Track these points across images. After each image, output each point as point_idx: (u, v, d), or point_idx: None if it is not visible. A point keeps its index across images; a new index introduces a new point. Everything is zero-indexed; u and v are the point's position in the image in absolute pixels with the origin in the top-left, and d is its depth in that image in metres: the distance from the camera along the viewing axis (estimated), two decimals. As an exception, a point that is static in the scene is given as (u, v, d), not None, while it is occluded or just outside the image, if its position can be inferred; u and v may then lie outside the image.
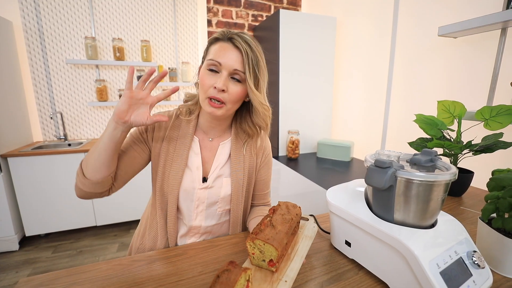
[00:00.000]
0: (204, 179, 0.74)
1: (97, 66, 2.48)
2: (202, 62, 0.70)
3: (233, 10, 2.35)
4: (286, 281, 0.56)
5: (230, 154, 0.76)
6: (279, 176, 2.03)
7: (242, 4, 2.37)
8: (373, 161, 0.58)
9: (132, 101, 0.60)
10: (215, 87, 0.64)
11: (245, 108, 0.76)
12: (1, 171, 1.95)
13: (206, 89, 0.65)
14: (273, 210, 0.68)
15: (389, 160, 0.53)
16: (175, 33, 2.65)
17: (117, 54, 2.44)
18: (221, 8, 2.31)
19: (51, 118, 2.33)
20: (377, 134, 1.91)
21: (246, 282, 0.52)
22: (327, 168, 1.80)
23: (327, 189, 1.40)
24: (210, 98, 0.65)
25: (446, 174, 0.51)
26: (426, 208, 0.54)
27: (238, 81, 0.66)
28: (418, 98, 1.62)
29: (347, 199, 0.67)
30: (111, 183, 0.68)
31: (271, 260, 0.58)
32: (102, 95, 2.48)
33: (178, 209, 0.76)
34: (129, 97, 0.59)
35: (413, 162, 0.61)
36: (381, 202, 0.58)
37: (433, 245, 0.52)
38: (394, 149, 1.80)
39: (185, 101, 0.78)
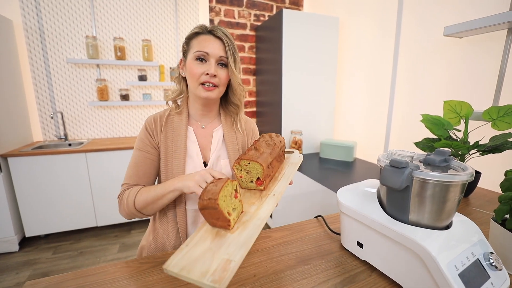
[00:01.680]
0: (205, 164, 0.80)
1: (98, 65, 2.46)
2: (184, 57, 0.78)
3: (235, 9, 2.34)
4: (274, 194, 0.60)
5: (223, 137, 0.83)
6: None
7: (245, 3, 2.36)
8: (388, 161, 0.57)
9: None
10: (207, 74, 0.72)
11: (225, 94, 0.84)
12: (1, 171, 1.93)
13: (198, 77, 0.72)
14: (256, 141, 0.73)
15: (405, 160, 0.52)
16: (176, 33, 2.63)
17: (118, 54, 2.42)
18: (223, 8, 2.29)
19: (52, 117, 2.30)
20: (380, 135, 1.91)
21: (233, 192, 0.54)
22: (331, 168, 1.79)
23: (331, 189, 1.40)
24: (203, 83, 0.73)
25: (463, 174, 0.51)
26: (442, 209, 0.53)
27: (223, 66, 0.75)
28: (422, 98, 1.62)
29: (359, 199, 0.66)
30: None
31: (258, 179, 0.61)
32: (103, 94, 2.46)
33: (185, 196, 0.78)
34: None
35: (427, 162, 0.60)
36: (395, 202, 0.57)
37: (450, 247, 0.51)
38: (397, 149, 1.79)
39: (171, 97, 0.83)
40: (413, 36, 1.63)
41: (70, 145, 2.38)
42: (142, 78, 2.56)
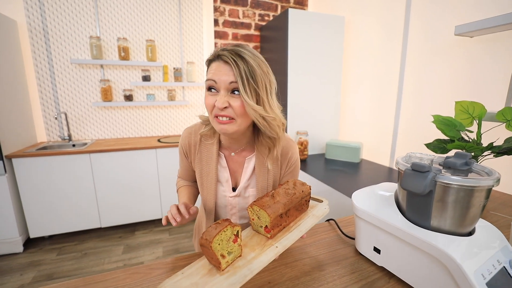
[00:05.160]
0: (234, 189, 0.80)
1: (101, 66, 2.45)
2: None
3: (240, 9, 2.32)
4: (277, 246, 0.58)
5: (254, 168, 0.77)
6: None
7: (249, 3, 2.34)
8: (408, 165, 0.55)
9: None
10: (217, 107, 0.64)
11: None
12: (5, 172, 1.92)
13: (210, 109, 0.66)
14: (280, 185, 0.70)
15: (427, 164, 0.51)
16: (180, 33, 2.62)
17: (122, 54, 2.41)
18: (227, 8, 2.27)
19: (56, 118, 2.30)
20: (387, 135, 1.88)
21: (233, 236, 0.56)
22: (337, 169, 1.77)
23: (339, 191, 1.37)
24: (217, 116, 0.65)
25: (489, 179, 0.48)
26: (466, 214, 0.51)
27: (237, 93, 0.63)
28: (430, 99, 1.59)
29: (376, 203, 0.64)
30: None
31: (266, 226, 0.61)
32: (106, 95, 2.45)
33: (217, 213, 0.85)
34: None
35: (447, 166, 0.58)
36: (416, 207, 0.55)
37: (475, 254, 0.49)
38: (405, 150, 1.77)
39: (203, 124, 0.80)
40: (421, 35, 1.61)
41: (74, 145, 2.37)
42: (146, 78, 2.55)
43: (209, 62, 0.67)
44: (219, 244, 0.54)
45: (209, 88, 0.65)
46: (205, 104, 0.67)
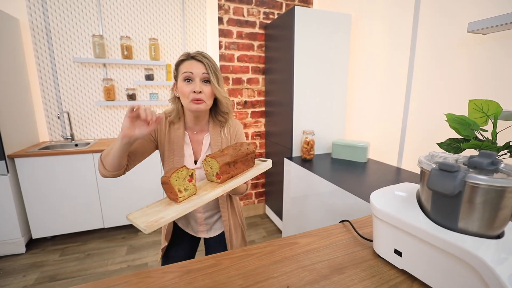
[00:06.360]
0: (195, 162, 0.99)
1: (104, 64, 2.43)
2: (176, 81, 0.93)
3: (245, 7, 2.29)
4: (224, 186, 0.75)
5: (210, 143, 1.00)
6: (293, 177, 1.98)
7: (254, 1, 2.32)
8: (433, 164, 0.53)
9: (133, 121, 0.74)
10: (194, 91, 0.87)
11: (215, 106, 0.99)
12: (7, 172, 1.90)
13: (187, 94, 0.87)
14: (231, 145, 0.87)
15: (457, 164, 0.48)
16: (183, 31, 2.60)
17: (125, 53, 2.39)
18: (232, 6, 2.25)
19: (58, 117, 2.28)
20: (394, 134, 1.86)
21: (188, 177, 0.71)
22: (344, 169, 1.74)
23: (349, 192, 1.35)
24: (192, 100, 0.87)
25: (523, 179, 0.46)
26: (496, 216, 0.49)
27: (206, 82, 0.89)
28: (440, 97, 1.57)
29: (397, 204, 0.62)
30: (125, 168, 0.89)
31: (217, 174, 0.77)
32: (109, 94, 2.43)
33: None
34: (130, 118, 0.73)
35: (473, 165, 0.56)
36: (443, 209, 0.53)
37: (506, 258, 0.47)
38: (413, 150, 1.75)
39: (169, 115, 0.98)
40: (430, 33, 1.59)
41: (76, 145, 2.35)
42: (149, 77, 2.53)
43: (181, 62, 0.89)
44: (176, 180, 0.68)
45: (186, 79, 0.87)
46: (181, 92, 0.88)
